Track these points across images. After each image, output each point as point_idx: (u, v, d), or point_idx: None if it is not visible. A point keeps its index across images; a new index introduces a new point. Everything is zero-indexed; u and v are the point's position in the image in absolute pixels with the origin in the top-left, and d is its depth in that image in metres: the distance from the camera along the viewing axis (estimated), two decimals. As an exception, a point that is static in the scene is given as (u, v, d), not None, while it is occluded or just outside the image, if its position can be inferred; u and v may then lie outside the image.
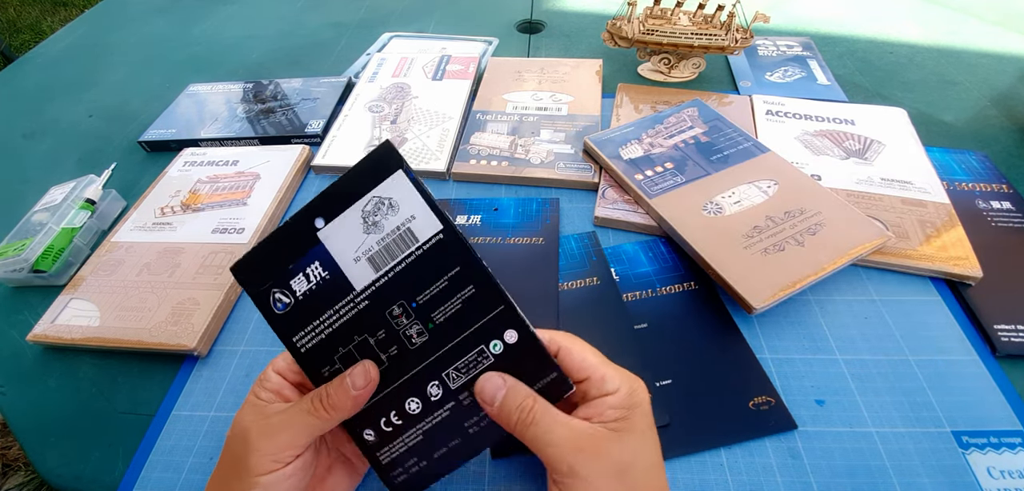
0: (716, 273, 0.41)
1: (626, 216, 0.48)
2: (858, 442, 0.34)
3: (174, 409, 0.39)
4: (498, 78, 0.67)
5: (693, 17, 0.65)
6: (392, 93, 0.65)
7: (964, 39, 0.72)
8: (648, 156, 0.51)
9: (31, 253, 0.46)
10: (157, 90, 0.72)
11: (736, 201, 0.45)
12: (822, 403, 0.36)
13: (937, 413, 0.35)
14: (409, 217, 0.28)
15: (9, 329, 0.45)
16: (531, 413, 0.26)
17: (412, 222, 0.28)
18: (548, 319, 0.41)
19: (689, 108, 0.57)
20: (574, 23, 0.82)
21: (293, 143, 0.61)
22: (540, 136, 0.57)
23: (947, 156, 0.53)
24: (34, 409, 0.40)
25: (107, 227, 0.53)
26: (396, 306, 0.29)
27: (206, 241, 0.48)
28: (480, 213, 0.50)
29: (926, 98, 0.62)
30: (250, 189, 0.53)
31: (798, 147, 0.53)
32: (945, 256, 0.42)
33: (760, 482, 0.33)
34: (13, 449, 1.05)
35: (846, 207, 0.44)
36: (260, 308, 0.29)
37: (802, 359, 0.38)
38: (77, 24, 0.95)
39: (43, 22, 2.53)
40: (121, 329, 0.42)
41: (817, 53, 0.70)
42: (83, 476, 0.36)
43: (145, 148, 0.63)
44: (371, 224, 0.28)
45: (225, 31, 0.88)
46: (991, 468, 0.32)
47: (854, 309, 0.41)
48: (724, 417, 0.35)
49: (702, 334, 0.40)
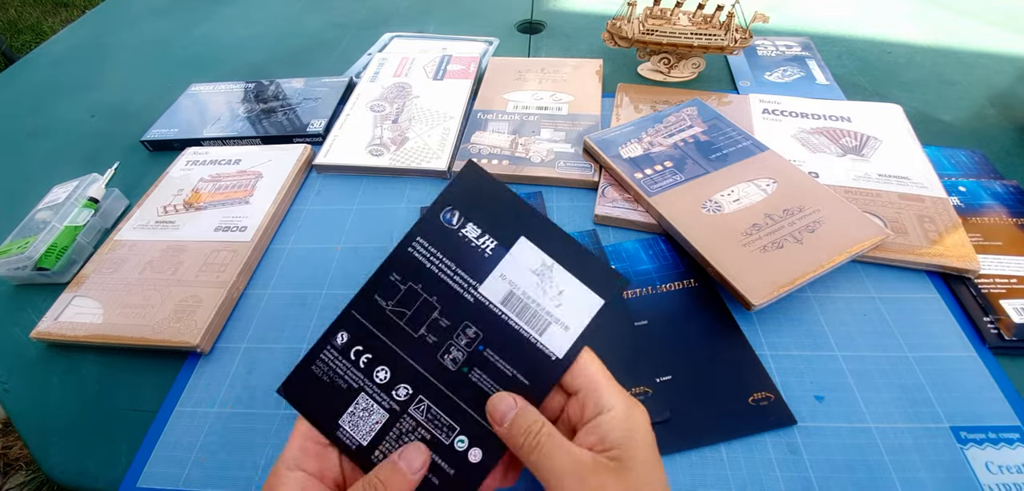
0: (715, 270, 0.41)
1: (626, 214, 0.48)
2: (857, 437, 0.34)
3: (177, 406, 0.39)
4: (499, 78, 0.67)
5: (693, 17, 0.65)
6: (393, 93, 0.65)
7: (962, 39, 0.73)
8: (648, 155, 0.51)
9: (35, 251, 0.47)
10: (159, 90, 0.72)
11: (735, 199, 0.46)
12: (821, 399, 0.36)
13: (935, 409, 0.35)
14: (561, 321, 0.29)
15: (13, 326, 0.46)
16: (537, 437, 0.26)
17: (555, 324, 0.29)
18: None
19: (688, 107, 0.57)
20: (574, 23, 0.82)
21: (295, 142, 0.61)
22: (541, 135, 0.57)
23: (938, 153, 0.53)
24: (37, 406, 0.40)
25: (110, 225, 0.54)
26: (474, 329, 0.29)
27: (209, 239, 0.48)
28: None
29: (925, 98, 0.62)
30: (252, 188, 0.54)
31: (795, 145, 0.54)
32: (944, 251, 0.42)
33: (760, 477, 0.33)
34: (16, 447, 1.05)
35: (844, 205, 0.44)
36: (438, 200, 0.31)
37: (801, 355, 0.38)
38: (79, 25, 0.95)
39: (44, 23, 2.53)
40: (124, 326, 0.42)
41: (816, 53, 0.70)
42: (86, 473, 0.36)
43: (147, 147, 0.63)
44: (540, 286, 0.29)
45: (226, 32, 0.88)
46: (989, 463, 0.32)
47: (853, 306, 0.41)
48: (724, 413, 0.35)
49: (702, 331, 0.40)
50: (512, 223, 0.30)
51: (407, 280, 0.30)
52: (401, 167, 0.55)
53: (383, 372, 0.29)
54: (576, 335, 0.28)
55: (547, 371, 0.28)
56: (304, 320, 0.43)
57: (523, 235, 0.29)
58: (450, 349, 0.29)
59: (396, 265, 0.30)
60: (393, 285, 0.30)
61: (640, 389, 0.36)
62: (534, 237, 0.29)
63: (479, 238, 0.30)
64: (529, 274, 0.29)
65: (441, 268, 0.30)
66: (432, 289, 0.30)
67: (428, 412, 0.29)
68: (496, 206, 0.30)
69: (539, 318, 0.29)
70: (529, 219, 0.30)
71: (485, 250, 0.30)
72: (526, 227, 0.29)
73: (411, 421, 0.29)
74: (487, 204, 0.30)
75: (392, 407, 0.29)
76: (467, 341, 0.29)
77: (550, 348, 0.28)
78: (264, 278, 0.47)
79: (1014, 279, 0.41)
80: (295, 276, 0.47)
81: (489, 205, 0.30)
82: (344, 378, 0.30)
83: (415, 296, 0.30)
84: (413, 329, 0.29)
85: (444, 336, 0.29)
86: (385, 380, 0.29)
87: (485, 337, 0.29)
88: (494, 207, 0.30)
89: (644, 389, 0.36)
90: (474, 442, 0.28)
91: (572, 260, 0.29)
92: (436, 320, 0.29)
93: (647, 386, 0.37)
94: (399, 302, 0.30)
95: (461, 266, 0.30)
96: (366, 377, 0.29)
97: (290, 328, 0.43)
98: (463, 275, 0.30)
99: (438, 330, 0.29)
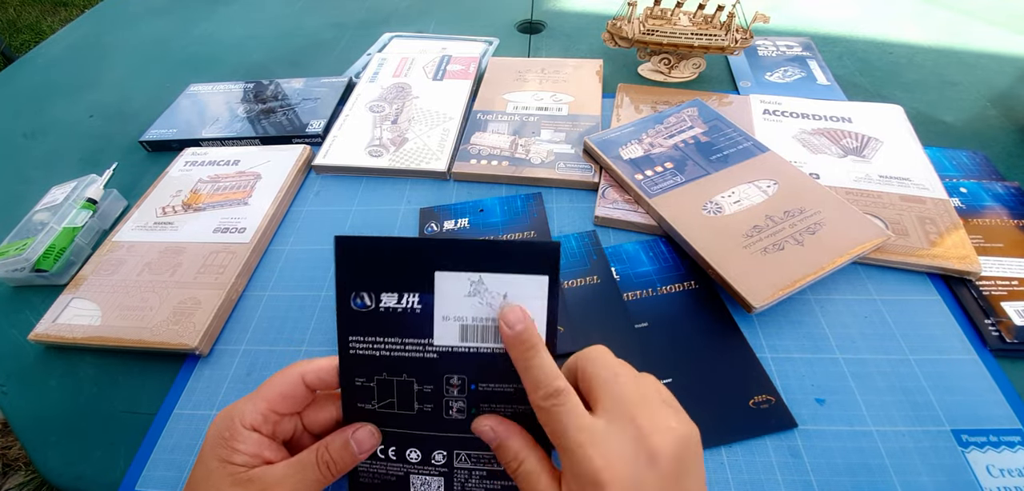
0: (716, 272, 0.41)
1: (626, 216, 0.48)
2: (858, 441, 0.34)
3: (176, 408, 0.39)
4: (499, 78, 0.67)
5: (693, 17, 0.65)
6: (393, 93, 0.65)
7: (964, 39, 0.73)
8: (648, 156, 0.51)
9: (32, 253, 0.46)
10: (158, 90, 0.72)
11: (736, 201, 0.45)
12: (822, 402, 0.36)
13: (937, 412, 0.35)
14: None
15: (10, 328, 0.45)
16: (556, 398, 0.26)
17: None
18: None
19: (689, 108, 0.57)
20: (574, 23, 0.82)
21: (294, 143, 0.61)
22: (541, 136, 0.57)
23: (939, 154, 0.53)
24: (35, 408, 0.40)
25: (108, 227, 0.54)
26: (457, 377, 0.29)
27: (207, 241, 0.48)
28: (467, 216, 0.50)
29: (926, 98, 0.62)
30: (251, 189, 0.53)
31: (796, 146, 0.53)
32: (945, 252, 0.42)
33: (760, 480, 0.33)
34: (14, 448, 1.05)
35: (845, 206, 0.44)
36: (338, 294, 0.28)
37: (802, 358, 0.38)
38: (78, 24, 0.95)
39: (43, 22, 2.53)
40: (122, 328, 0.42)
41: (817, 53, 0.70)
42: (84, 476, 0.36)
43: (146, 148, 0.63)
44: (483, 302, 0.28)
45: (225, 31, 0.88)
46: (991, 466, 0.32)
47: (854, 308, 0.41)
48: (724, 416, 0.35)
49: (702, 333, 0.40)
50: (418, 267, 0.28)
51: (372, 376, 0.29)
52: (400, 168, 0.55)
53: (414, 453, 0.30)
54: (544, 322, 0.28)
55: None
56: (303, 322, 0.43)
57: (436, 270, 0.28)
58: (449, 405, 0.29)
59: (354, 368, 0.29)
60: (364, 387, 0.29)
61: (640, 392, 0.36)
62: (447, 264, 0.27)
63: (400, 301, 0.28)
64: (465, 300, 0.28)
65: (390, 349, 0.29)
66: (397, 370, 0.29)
67: (470, 458, 0.30)
68: (392, 261, 0.28)
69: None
70: (431, 253, 0.28)
71: (413, 307, 0.28)
72: (433, 261, 0.28)
73: (464, 472, 0.30)
74: (382, 265, 0.28)
75: (441, 471, 0.30)
76: (458, 390, 0.29)
77: None
78: (263, 280, 0.47)
79: (1015, 281, 0.41)
80: (294, 278, 0.47)
81: (385, 265, 0.28)
82: (390, 473, 0.31)
83: (389, 385, 0.29)
84: (408, 409, 0.29)
85: (436, 398, 0.29)
86: (420, 459, 0.30)
87: (470, 377, 0.29)
88: (391, 263, 0.28)
89: (644, 392, 0.36)
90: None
91: (496, 260, 0.27)
92: (421, 391, 0.29)
93: (647, 389, 0.36)
94: (380, 397, 0.29)
95: (404, 335, 0.28)
96: (405, 463, 0.30)
97: (289, 330, 0.43)
98: (412, 341, 0.28)
99: (428, 397, 0.29)
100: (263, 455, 0.27)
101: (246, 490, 0.25)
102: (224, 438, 0.26)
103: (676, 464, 0.23)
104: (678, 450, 0.24)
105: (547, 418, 0.25)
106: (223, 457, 0.26)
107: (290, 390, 0.28)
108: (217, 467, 0.26)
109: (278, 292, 0.46)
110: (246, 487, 0.25)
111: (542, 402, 0.25)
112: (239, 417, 0.27)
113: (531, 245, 0.27)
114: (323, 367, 0.29)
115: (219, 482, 0.26)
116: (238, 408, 0.27)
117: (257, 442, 0.27)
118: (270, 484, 0.26)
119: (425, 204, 0.53)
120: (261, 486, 0.26)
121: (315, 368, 0.29)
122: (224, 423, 0.27)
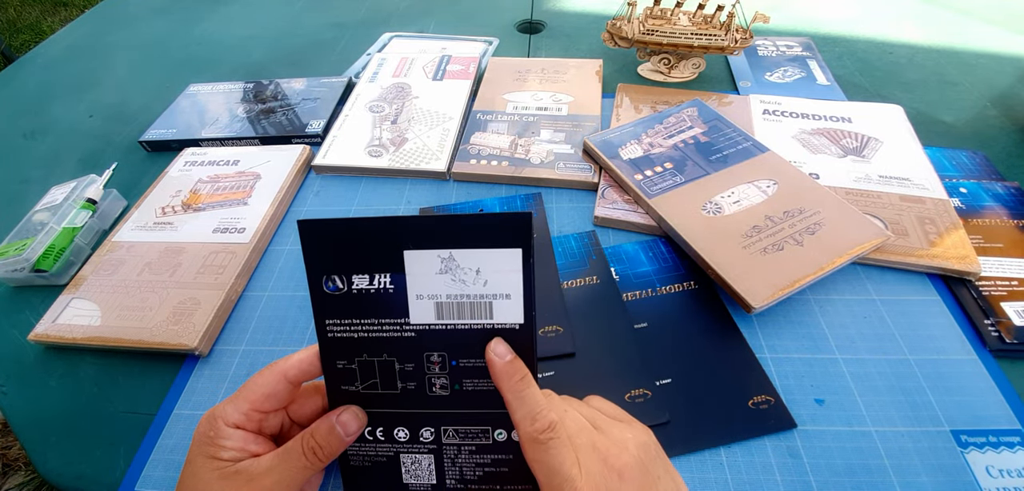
0: (715, 273, 0.41)
1: (626, 216, 0.48)
2: (857, 441, 0.34)
3: (175, 408, 0.39)
4: (498, 78, 0.67)
5: (693, 17, 0.65)
6: (392, 93, 0.65)
7: (964, 40, 0.72)
8: (648, 156, 0.51)
9: (32, 253, 0.46)
10: (157, 90, 0.72)
11: (735, 201, 0.45)
12: (821, 402, 0.36)
13: (936, 412, 0.35)
14: (498, 294, 0.27)
15: (10, 329, 0.45)
16: (523, 380, 0.27)
17: (497, 300, 0.27)
18: (556, 312, 0.41)
19: (689, 108, 0.57)
20: (574, 23, 0.82)
21: (294, 143, 0.61)
22: (540, 136, 0.57)
23: (939, 154, 0.53)
24: (35, 409, 0.40)
25: (108, 227, 0.54)
26: (437, 354, 0.28)
27: (207, 241, 0.48)
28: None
29: (926, 98, 0.62)
30: (251, 189, 0.53)
31: (795, 146, 0.53)
32: (944, 252, 0.42)
33: (760, 481, 0.33)
34: (14, 449, 1.05)
35: (845, 207, 0.44)
36: (309, 278, 0.28)
37: (801, 358, 0.38)
38: (77, 24, 0.95)
39: (43, 22, 2.53)
40: (122, 328, 0.42)
41: (817, 53, 0.70)
42: (84, 476, 0.36)
43: (146, 148, 0.63)
44: (457, 279, 0.27)
45: (225, 31, 0.88)
46: (990, 467, 0.32)
47: (853, 308, 0.41)
48: (724, 416, 0.35)
49: (702, 333, 0.40)
50: (386, 247, 0.27)
51: (353, 358, 0.29)
52: (400, 168, 0.55)
53: (402, 432, 0.30)
54: (521, 297, 0.27)
55: (520, 342, 0.28)
56: (303, 322, 0.43)
57: (404, 249, 0.27)
58: (432, 382, 0.29)
59: (333, 352, 0.29)
60: (346, 370, 0.29)
61: (639, 392, 0.36)
62: (416, 243, 0.27)
63: (372, 282, 0.27)
64: (438, 278, 0.27)
65: (368, 330, 0.28)
66: (377, 350, 0.28)
67: (457, 433, 0.30)
68: (359, 242, 0.27)
69: (478, 306, 0.27)
70: (399, 231, 0.27)
71: (386, 288, 0.27)
72: (402, 240, 0.27)
73: (453, 448, 0.30)
74: (349, 246, 0.27)
75: (430, 448, 0.30)
76: (439, 367, 0.29)
77: (508, 322, 0.28)
78: (263, 280, 0.47)
79: (1015, 281, 0.41)
80: (294, 278, 0.47)
81: (352, 246, 0.27)
82: (380, 454, 0.31)
83: (370, 366, 0.29)
84: (392, 388, 0.29)
85: (418, 376, 0.29)
86: (408, 437, 0.30)
87: (450, 354, 0.28)
88: (358, 244, 0.27)
89: (643, 392, 0.36)
90: (504, 426, 0.30)
91: (466, 235, 0.27)
92: (402, 369, 0.29)
93: (646, 389, 0.36)
94: (362, 378, 0.29)
95: (380, 316, 0.28)
96: (394, 443, 0.30)
97: (289, 330, 0.43)
98: (388, 322, 0.28)
99: (410, 376, 0.29)
100: (249, 449, 0.27)
101: (233, 482, 0.25)
102: (209, 437, 0.27)
103: (642, 472, 0.25)
104: (640, 457, 0.26)
105: (542, 452, 0.25)
106: (209, 454, 0.26)
107: (272, 388, 0.29)
108: (204, 464, 0.26)
109: (278, 292, 0.46)
110: (233, 480, 0.26)
111: (539, 435, 0.25)
112: (222, 417, 0.27)
113: (500, 217, 0.26)
114: (304, 359, 0.29)
115: (207, 478, 0.26)
116: (221, 409, 0.28)
117: (242, 438, 0.27)
118: (256, 475, 0.26)
119: (425, 204, 0.53)
120: (248, 477, 0.26)
121: (296, 361, 0.29)
122: (208, 423, 0.27)
